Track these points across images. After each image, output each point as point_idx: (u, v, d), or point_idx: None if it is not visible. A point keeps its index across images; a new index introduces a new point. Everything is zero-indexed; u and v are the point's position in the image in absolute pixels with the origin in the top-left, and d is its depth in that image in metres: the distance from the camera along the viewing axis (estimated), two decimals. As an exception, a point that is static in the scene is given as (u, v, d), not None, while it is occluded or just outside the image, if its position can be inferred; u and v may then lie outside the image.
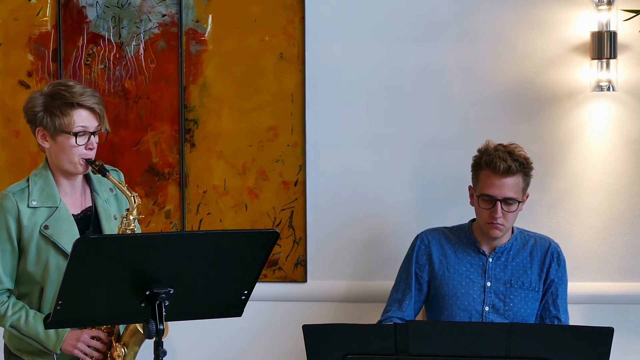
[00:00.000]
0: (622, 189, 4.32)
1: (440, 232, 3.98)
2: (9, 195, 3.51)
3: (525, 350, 3.05)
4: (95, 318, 3.14)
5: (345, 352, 3.11)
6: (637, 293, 4.30)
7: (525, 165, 3.78)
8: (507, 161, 3.74)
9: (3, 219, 3.50)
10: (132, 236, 3.29)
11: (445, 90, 4.35)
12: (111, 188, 3.62)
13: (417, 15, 4.34)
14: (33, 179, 3.56)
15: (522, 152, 3.81)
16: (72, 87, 3.49)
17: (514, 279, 3.86)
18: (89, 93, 3.50)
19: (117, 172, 3.67)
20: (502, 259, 3.88)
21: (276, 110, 4.40)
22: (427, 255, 3.94)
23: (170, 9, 4.40)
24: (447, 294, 3.88)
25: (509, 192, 3.75)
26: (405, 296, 3.94)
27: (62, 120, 3.46)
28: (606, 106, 4.29)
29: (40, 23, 4.44)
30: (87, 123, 3.48)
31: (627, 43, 4.24)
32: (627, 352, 4.25)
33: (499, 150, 3.79)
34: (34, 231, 3.49)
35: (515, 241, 3.91)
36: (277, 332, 4.41)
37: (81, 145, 3.47)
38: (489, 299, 3.85)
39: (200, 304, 3.13)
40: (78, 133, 3.46)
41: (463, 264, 3.90)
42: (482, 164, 3.80)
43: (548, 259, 3.89)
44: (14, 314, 3.49)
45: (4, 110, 4.47)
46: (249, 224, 4.41)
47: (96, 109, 3.49)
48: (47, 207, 3.51)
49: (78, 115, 3.47)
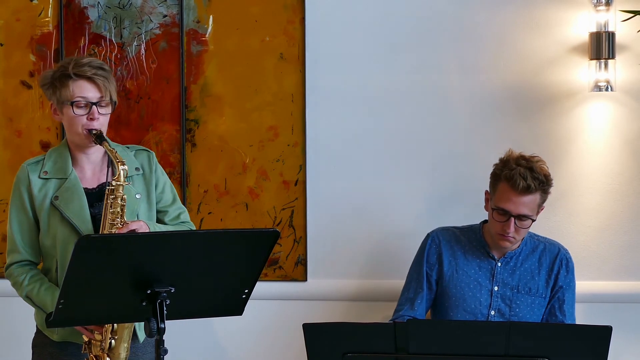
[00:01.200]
0: (620, 189, 4.33)
1: (451, 232, 3.94)
2: (23, 167, 3.57)
3: (524, 349, 3.05)
4: (96, 317, 3.14)
5: (345, 350, 3.12)
6: (636, 292, 4.31)
7: (545, 182, 3.72)
8: (527, 179, 3.67)
9: (17, 189, 3.56)
10: (134, 235, 3.27)
11: (444, 90, 4.35)
12: (137, 167, 3.60)
13: (416, 15, 4.34)
14: (49, 153, 3.60)
15: (544, 168, 3.74)
16: (74, 60, 3.49)
17: (521, 285, 3.83)
18: (92, 64, 3.48)
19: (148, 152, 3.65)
20: (511, 264, 3.85)
21: (276, 110, 4.41)
22: (438, 254, 3.91)
23: (171, 9, 4.40)
24: (454, 296, 3.86)
25: (524, 209, 3.70)
26: (417, 295, 3.91)
27: (62, 91, 3.47)
28: (604, 106, 4.29)
29: (42, 24, 4.45)
30: (87, 93, 3.46)
31: (626, 43, 4.24)
32: (626, 351, 4.26)
33: (520, 165, 3.71)
34: (44, 202, 3.51)
35: (525, 246, 3.87)
36: (278, 331, 4.42)
37: (81, 115, 3.46)
38: (496, 303, 3.82)
39: (201, 303, 3.13)
40: (75, 102, 3.45)
41: (472, 267, 3.87)
42: (502, 177, 3.73)
43: (557, 265, 3.86)
44: (29, 284, 3.51)
45: (6, 110, 4.48)
46: (250, 223, 4.42)
47: (96, 79, 3.46)
48: (58, 179, 3.53)
49: (76, 85, 3.46)
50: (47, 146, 4.44)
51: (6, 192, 4.45)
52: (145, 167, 3.63)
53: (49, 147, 4.44)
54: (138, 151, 3.66)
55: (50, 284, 3.51)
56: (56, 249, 3.51)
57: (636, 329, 4.31)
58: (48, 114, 4.44)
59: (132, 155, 3.61)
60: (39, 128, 4.45)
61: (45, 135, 4.45)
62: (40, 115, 4.46)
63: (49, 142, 4.45)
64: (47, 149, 4.44)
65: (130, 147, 3.67)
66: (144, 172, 3.62)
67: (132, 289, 2.95)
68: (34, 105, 4.45)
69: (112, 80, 3.52)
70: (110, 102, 3.52)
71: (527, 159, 3.76)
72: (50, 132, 4.45)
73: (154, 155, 3.67)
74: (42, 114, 4.46)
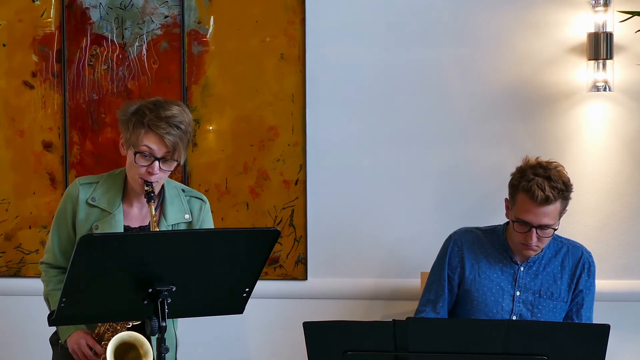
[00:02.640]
0: (618, 188, 4.33)
1: (474, 235, 3.86)
2: (76, 183, 3.61)
3: (523, 347, 3.04)
4: (98, 315, 3.15)
5: (345, 348, 3.11)
6: (633, 290, 4.31)
7: (564, 190, 3.62)
8: (546, 190, 3.57)
9: (64, 203, 3.61)
10: (135, 234, 3.30)
11: (443, 90, 4.36)
12: (186, 215, 3.62)
13: (416, 16, 4.35)
14: (105, 178, 3.63)
15: (563, 173, 3.65)
16: (156, 109, 3.45)
17: (543, 289, 3.77)
18: (171, 121, 3.44)
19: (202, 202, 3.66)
20: (534, 268, 3.78)
21: (277, 110, 4.41)
22: (460, 257, 3.83)
23: (172, 10, 4.41)
24: (476, 299, 3.79)
25: (545, 219, 3.61)
26: (439, 298, 3.84)
27: (133, 135, 3.46)
28: (602, 106, 4.30)
29: (44, 24, 4.45)
30: (154, 147, 3.45)
31: (623, 44, 4.25)
32: (624, 349, 4.27)
33: (537, 174, 3.61)
34: (84, 225, 3.56)
35: (548, 249, 3.79)
36: (278, 329, 4.43)
37: (141, 165, 3.46)
38: (517, 308, 3.77)
39: (202, 302, 3.13)
40: (140, 152, 3.45)
41: (494, 271, 3.80)
42: (520, 189, 3.63)
43: (579, 269, 3.80)
44: (52, 290, 3.60)
45: (8, 110, 4.48)
46: (250, 222, 4.43)
47: (165, 139, 3.43)
48: (102, 209, 3.57)
49: (147, 137, 3.45)
50: (49, 146, 4.46)
51: (8, 191, 4.49)
52: (195, 216, 3.65)
53: (51, 146, 4.46)
54: (192, 198, 3.67)
55: None
56: None
57: (634, 328, 4.32)
58: (50, 114, 4.46)
59: (186, 202, 3.64)
60: (41, 128, 4.46)
61: (48, 135, 4.46)
62: (42, 115, 4.47)
63: (50, 142, 4.46)
64: (49, 148, 4.47)
65: (186, 190, 3.69)
66: (192, 220, 3.65)
67: (133, 287, 2.95)
68: (36, 105, 4.46)
69: (185, 140, 3.49)
70: (175, 161, 3.50)
71: (544, 166, 3.65)
72: (52, 132, 4.46)
73: (207, 205, 3.69)
74: (44, 114, 4.46)
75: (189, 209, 3.64)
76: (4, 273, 4.53)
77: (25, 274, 4.50)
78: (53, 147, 4.47)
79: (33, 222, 4.49)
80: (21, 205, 4.50)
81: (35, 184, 4.47)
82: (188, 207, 3.64)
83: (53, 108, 4.46)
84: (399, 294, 4.29)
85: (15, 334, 4.50)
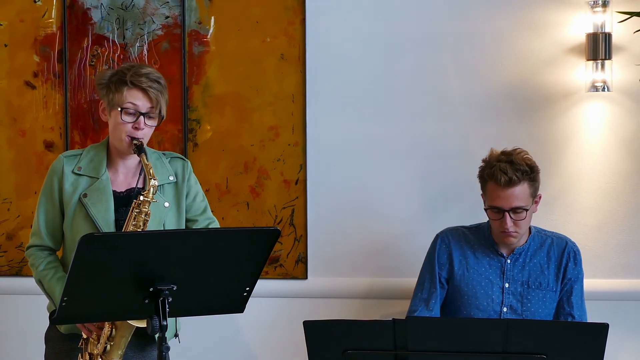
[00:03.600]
0: (616, 188, 4.34)
1: (460, 232, 3.95)
2: (60, 157, 3.60)
3: (521, 346, 3.06)
4: (99, 314, 3.15)
5: (345, 347, 3.13)
6: (632, 290, 4.32)
7: (528, 172, 3.73)
8: (508, 173, 3.70)
9: (50, 178, 3.60)
10: (136, 234, 3.28)
11: (443, 91, 4.36)
12: (170, 175, 3.63)
13: (415, 17, 4.36)
14: (88, 149, 3.64)
15: (526, 158, 3.76)
16: (134, 67, 3.52)
17: (531, 280, 3.84)
18: (150, 76, 3.51)
19: (183, 161, 3.68)
20: (520, 260, 3.86)
21: (277, 110, 4.42)
22: (448, 254, 3.92)
23: (173, 10, 4.42)
24: (466, 294, 3.87)
25: (515, 201, 3.72)
26: (432, 295, 3.91)
27: (115, 95, 3.50)
28: (601, 106, 4.30)
29: (46, 25, 4.47)
30: (138, 102, 3.49)
31: (622, 44, 4.26)
32: (622, 348, 4.28)
33: (500, 160, 3.74)
34: (73, 196, 3.54)
35: (533, 241, 3.89)
36: (278, 328, 4.43)
37: (127, 122, 3.49)
38: (507, 300, 3.84)
39: (203, 301, 3.13)
40: (125, 109, 3.48)
41: (482, 265, 3.88)
42: (486, 177, 3.78)
43: (565, 258, 3.87)
44: (44, 270, 3.57)
45: (10, 110, 4.50)
46: (251, 221, 4.44)
47: (149, 92, 3.49)
48: (89, 177, 3.56)
49: (130, 93, 3.48)
50: (50, 146, 4.48)
51: (10, 191, 4.50)
52: (179, 176, 3.65)
53: (52, 146, 4.48)
54: (173, 158, 3.68)
55: (63, 274, 3.54)
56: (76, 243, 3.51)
57: (632, 327, 4.33)
58: (51, 114, 4.47)
59: (167, 163, 3.65)
60: (42, 128, 4.47)
61: (49, 135, 4.47)
62: (44, 115, 4.48)
63: (52, 141, 4.48)
64: (50, 148, 4.48)
65: (166, 153, 3.70)
66: (177, 181, 3.65)
67: (134, 287, 2.96)
68: (38, 105, 4.47)
69: (165, 95, 3.54)
70: (158, 116, 3.54)
71: (507, 153, 3.79)
72: (53, 132, 4.48)
73: (189, 164, 3.70)
74: (46, 114, 4.48)
75: (172, 170, 3.64)
76: (5, 272, 4.55)
77: (26, 273, 4.50)
78: (54, 147, 4.48)
79: (35, 222, 4.51)
80: (23, 205, 4.51)
81: (36, 183, 4.48)
82: (171, 169, 3.64)
83: (54, 108, 4.48)
84: (399, 293, 4.30)
85: (17, 333, 4.51)
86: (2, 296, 4.54)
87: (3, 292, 4.53)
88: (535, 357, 3.06)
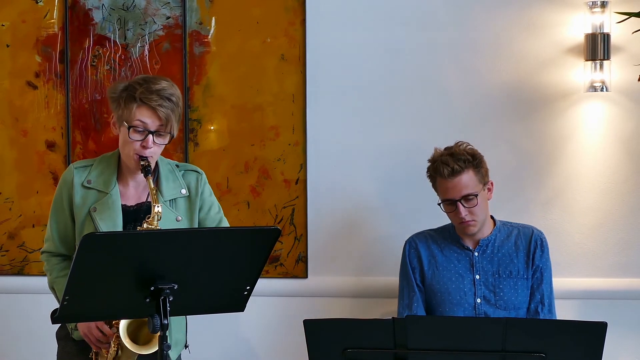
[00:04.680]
0: (615, 187, 4.34)
1: (426, 234, 4.03)
2: (70, 168, 3.58)
3: (520, 345, 3.07)
4: (101, 313, 3.15)
5: (344, 346, 3.13)
6: (630, 289, 4.33)
7: (470, 160, 3.83)
8: (449, 164, 3.80)
9: (60, 190, 3.58)
10: (137, 233, 3.28)
11: (442, 91, 4.37)
12: (183, 189, 3.58)
13: (415, 18, 4.36)
14: (99, 160, 3.60)
15: (467, 148, 3.86)
16: (147, 83, 3.45)
17: (501, 269, 3.89)
18: (162, 93, 3.43)
19: (197, 174, 3.64)
20: (488, 252, 3.92)
21: (277, 110, 4.43)
22: (417, 257, 3.98)
23: (174, 11, 4.43)
24: (439, 291, 3.92)
25: (463, 190, 3.81)
26: (412, 299, 3.96)
27: (125, 111, 3.44)
28: (600, 106, 4.31)
29: (48, 25, 4.47)
30: (147, 120, 3.43)
31: (620, 45, 4.26)
32: (620, 346, 4.28)
33: (442, 155, 3.85)
34: (82, 209, 3.52)
35: (499, 233, 3.94)
36: (279, 327, 4.44)
37: (135, 140, 3.44)
38: (480, 291, 3.88)
39: (204, 300, 3.14)
40: (133, 127, 3.43)
41: (451, 261, 3.94)
42: (432, 173, 3.89)
43: (532, 245, 3.92)
44: (57, 277, 3.57)
45: (12, 110, 4.50)
46: (251, 221, 4.44)
47: (158, 111, 3.42)
48: (98, 191, 3.53)
49: (139, 111, 3.42)
50: (52, 145, 4.49)
51: (12, 190, 4.51)
52: (192, 189, 3.62)
53: (54, 146, 4.49)
54: (187, 171, 3.64)
55: None
56: None
57: (630, 325, 4.33)
58: (53, 114, 4.48)
59: (180, 176, 3.61)
60: (44, 128, 4.48)
61: (51, 134, 4.48)
62: (46, 115, 4.49)
63: (54, 141, 4.49)
64: (52, 148, 4.50)
65: (180, 165, 3.66)
66: (190, 194, 3.61)
67: (136, 286, 2.97)
68: (40, 105, 4.48)
69: (176, 113, 3.47)
70: (169, 134, 3.48)
71: (448, 148, 3.89)
72: (55, 132, 4.48)
73: (204, 177, 3.66)
74: (48, 114, 4.49)
75: (184, 183, 3.60)
76: (7, 271, 4.55)
77: (28, 272, 4.52)
78: (56, 147, 4.50)
79: (36, 221, 4.52)
80: (24, 204, 4.53)
81: (38, 183, 4.50)
82: (184, 182, 3.60)
83: (56, 108, 4.49)
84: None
85: (19, 331, 4.53)
86: (4, 295, 4.55)
87: (5, 291, 4.54)
88: (533, 355, 3.07)
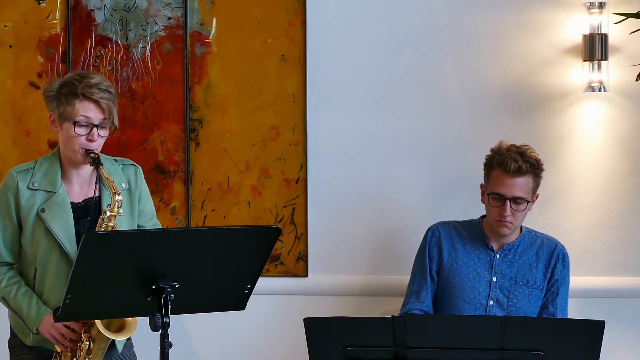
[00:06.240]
0: (613, 187, 4.35)
1: (451, 226, 4.01)
2: (12, 174, 3.54)
3: (519, 343, 3.08)
4: (102, 311, 3.16)
5: (345, 344, 3.14)
6: (628, 287, 4.33)
7: (536, 166, 3.81)
8: (518, 161, 3.77)
9: (4, 195, 3.53)
10: (139, 232, 3.30)
11: (441, 91, 4.38)
12: (124, 182, 3.59)
13: (414, 18, 4.37)
14: (40, 162, 3.59)
15: (534, 154, 3.84)
16: (84, 78, 3.46)
17: (519, 276, 3.89)
18: (100, 86, 3.45)
19: (135, 167, 3.67)
20: (509, 256, 3.91)
21: (278, 110, 4.44)
22: (438, 247, 3.97)
23: (175, 12, 4.44)
24: (454, 286, 3.91)
25: (518, 191, 3.79)
26: (422, 287, 3.96)
27: (66, 108, 3.45)
28: (598, 106, 4.31)
29: (50, 26, 4.49)
30: (91, 114, 3.45)
31: (618, 45, 4.27)
32: (618, 344, 4.30)
33: (511, 150, 3.82)
34: (30, 212, 3.49)
35: (523, 240, 3.94)
36: (279, 325, 4.45)
37: (81, 135, 3.45)
38: (494, 293, 3.88)
39: (205, 298, 3.16)
40: (78, 122, 3.44)
41: (471, 258, 3.93)
42: (494, 163, 3.83)
43: (554, 259, 3.92)
44: (6, 287, 3.52)
45: (15, 110, 4.52)
46: (252, 220, 4.45)
47: (101, 103, 3.44)
48: (46, 191, 3.51)
49: (82, 105, 3.44)
50: (54, 145, 4.49)
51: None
52: (132, 182, 3.64)
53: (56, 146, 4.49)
54: (126, 165, 3.66)
55: (27, 289, 3.52)
56: (37, 258, 3.51)
57: (628, 323, 4.34)
58: (55, 114, 4.51)
59: (120, 169, 3.63)
60: (46, 128, 4.47)
61: (53, 134, 4.47)
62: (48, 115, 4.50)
63: (56, 141, 4.44)
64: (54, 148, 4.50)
65: (118, 160, 3.67)
66: (130, 187, 3.63)
67: (137, 284, 2.98)
68: (42, 106, 4.44)
69: (116, 104, 3.51)
70: (111, 126, 3.51)
71: (517, 146, 3.86)
72: (57, 132, 4.52)
73: (141, 170, 3.69)
74: (50, 114, 4.52)
75: (125, 177, 3.62)
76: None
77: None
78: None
79: (39, 220, 4.53)
80: (27, 204, 4.54)
81: (40, 182, 4.52)
82: (124, 176, 3.62)
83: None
84: (399, 291, 4.28)
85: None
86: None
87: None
88: (532, 353, 3.08)
